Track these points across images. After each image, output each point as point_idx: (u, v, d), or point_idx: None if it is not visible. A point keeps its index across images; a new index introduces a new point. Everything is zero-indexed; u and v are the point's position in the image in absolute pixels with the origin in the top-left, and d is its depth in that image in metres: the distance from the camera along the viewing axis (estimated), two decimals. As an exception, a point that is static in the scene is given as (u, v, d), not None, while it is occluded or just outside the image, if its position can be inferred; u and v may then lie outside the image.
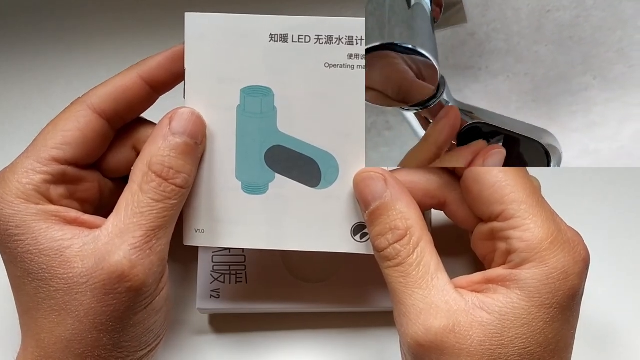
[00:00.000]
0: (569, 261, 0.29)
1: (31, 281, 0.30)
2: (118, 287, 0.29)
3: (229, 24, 0.32)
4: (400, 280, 0.30)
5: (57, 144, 0.31)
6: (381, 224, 0.31)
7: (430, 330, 0.28)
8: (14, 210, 0.30)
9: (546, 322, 0.28)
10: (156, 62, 0.33)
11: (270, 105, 0.33)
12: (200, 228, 0.34)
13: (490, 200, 0.30)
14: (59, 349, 0.29)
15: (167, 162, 0.30)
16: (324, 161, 0.33)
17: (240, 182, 0.33)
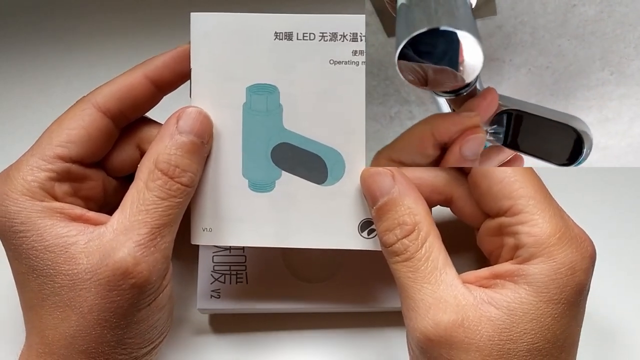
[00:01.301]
0: (576, 257, 0.29)
1: (35, 277, 0.30)
2: (122, 284, 0.29)
3: (234, 23, 0.32)
4: (409, 275, 0.30)
5: (62, 141, 0.32)
6: (389, 220, 0.31)
7: (439, 324, 0.28)
8: (19, 207, 0.30)
9: (554, 317, 0.29)
10: (161, 61, 0.33)
11: (276, 103, 0.33)
12: (208, 227, 0.34)
13: (498, 196, 0.30)
14: (63, 346, 0.29)
15: (173, 161, 0.31)
16: (330, 158, 0.33)
17: (247, 180, 0.34)
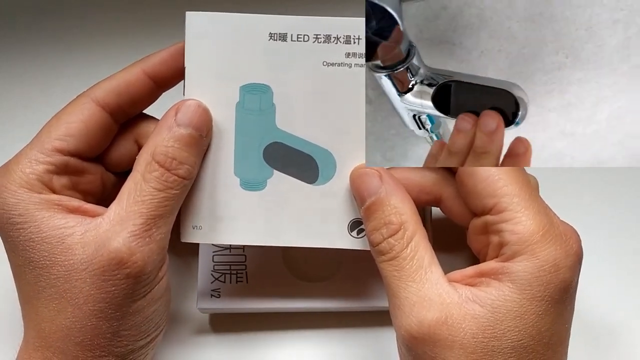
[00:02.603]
0: (560, 254, 0.29)
1: (32, 269, 0.30)
2: (117, 274, 0.29)
3: (229, 23, 0.33)
4: (395, 274, 0.30)
5: (61, 135, 0.32)
6: (376, 219, 0.31)
7: (423, 322, 0.29)
8: (17, 199, 0.31)
9: (538, 314, 0.29)
10: (160, 58, 0.34)
11: (269, 103, 0.34)
12: (198, 224, 0.35)
13: (482, 194, 0.31)
14: (59, 338, 0.30)
15: (170, 153, 0.31)
16: (321, 158, 0.34)
17: (238, 179, 0.34)
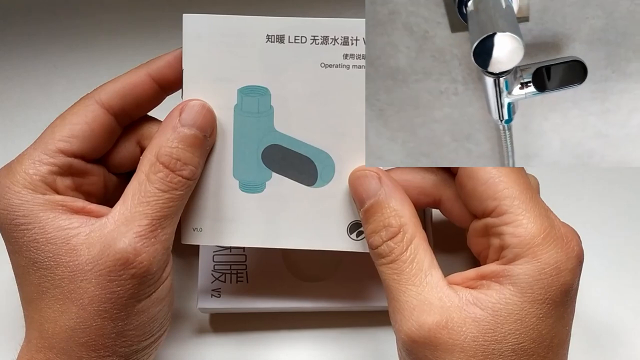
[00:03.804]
0: (561, 257, 0.29)
1: (36, 270, 0.31)
2: (122, 274, 0.30)
3: (226, 24, 0.33)
4: (394, 277, 0.31)
5: (65, 136, 0.33)
6: (375, 222, 0.32)
7: (423, 326, 0.29)
8: (21, 200, 0.31)
9: (539, 317, 0.29)
10: (165, 61, 0.34)
11: (267, 105, 0.34)
12: (198, 227, 0.35)
13: (483, 196, 0.31)
14: (63, 339, 0.30)
15: (174, 154, 0.32)
16: (320, 160, 0.34)
17: (237, 181, 0.35)
